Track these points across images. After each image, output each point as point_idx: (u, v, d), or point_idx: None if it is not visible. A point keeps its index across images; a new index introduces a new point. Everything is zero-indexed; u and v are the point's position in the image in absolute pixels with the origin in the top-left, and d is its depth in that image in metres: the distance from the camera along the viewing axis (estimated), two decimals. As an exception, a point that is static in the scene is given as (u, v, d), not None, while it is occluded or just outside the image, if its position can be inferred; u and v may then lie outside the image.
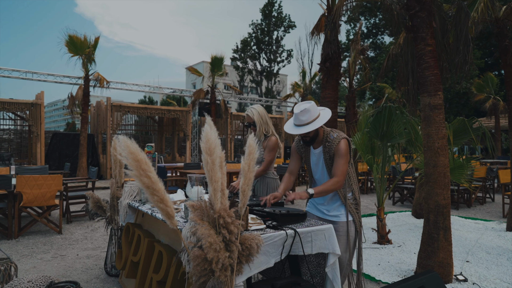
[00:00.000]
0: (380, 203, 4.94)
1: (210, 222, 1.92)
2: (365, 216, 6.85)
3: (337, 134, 2.64)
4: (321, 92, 5.08)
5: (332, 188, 2.57)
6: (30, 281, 2.84)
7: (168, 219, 1.70)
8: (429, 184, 3.56)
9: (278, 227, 2.32)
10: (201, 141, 1.98)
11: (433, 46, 3.55)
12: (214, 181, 1.94)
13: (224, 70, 16.49)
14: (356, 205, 2.78)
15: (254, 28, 37.81)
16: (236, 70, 39.23)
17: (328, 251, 2.47)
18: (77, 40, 11.44)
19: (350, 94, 6.18)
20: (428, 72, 3.53)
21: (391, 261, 4.22)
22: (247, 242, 2.01)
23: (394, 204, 8.51)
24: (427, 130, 3.57)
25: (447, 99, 23.98)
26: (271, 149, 3.29)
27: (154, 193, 1.57)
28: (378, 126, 4.62)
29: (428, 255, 3.54)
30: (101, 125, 13.67)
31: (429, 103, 3.53)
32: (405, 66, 4.35)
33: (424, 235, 3.62)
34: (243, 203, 2.07)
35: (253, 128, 3.36)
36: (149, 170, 1.50)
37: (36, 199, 5.28)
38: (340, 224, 2.72)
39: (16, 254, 4.44)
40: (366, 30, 31.94)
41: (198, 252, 1.66)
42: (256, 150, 2.18)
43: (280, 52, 38.17)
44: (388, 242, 4.89)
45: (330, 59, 4.89)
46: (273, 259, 2.25)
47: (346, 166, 2.60)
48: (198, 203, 2.01)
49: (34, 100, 11.52)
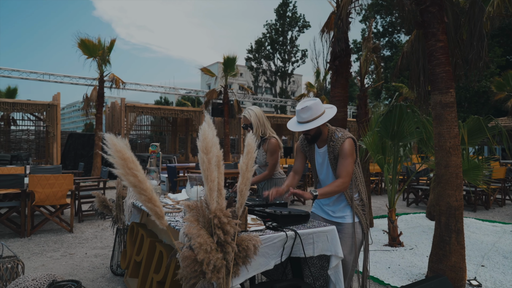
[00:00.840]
0: (392, 205, 4.81)
1: (205, 222, 1.88)
2: (378, 218, 6.70)
3: (342, 134, 2.56)
4: (330, 91, 4.98)
5: (337, 190, 2.50)
6: (35, 279, 2.87)
7: (157, 219, 1.67)
8: (441, 185, 3.43)
9: (278, 228, 2.26)
10: (198, 140, 1.94)
11: (444, 42, 3.42)
12: (210, 180, 1.89)
13: (237, 70, 16.48)
14: (363, 206, 2.69)
15: (268, 28, 37.76)
16: (250, 70, 39.25)
17: (331, 253, 2.40)
18: (89, 43, 11.63)
19: (361, 93, 6.05)
20: (439, 69, 3.40)
21: (401, 264, 4.10)
22: (244, 243, 1.96)
23: (408, 205, 8.30)
24: (438, 129, 3.44)
25: (466, 98, 23.37)
26: (273, 151, 3.23)
27: (141, 192, 1.54)
28: (389, 125, 4.49)
29: (439, 259, 3.42)
30: (115, 126, 13.86)
31: (440, 101, 3.40)
32: (416, 64, 4.22)
33: (436, 238, 3.50)
34: (240, 203, 2.03)
35: (249, 130, 3.32)
36: (135, 169, 1.47)
37: (48, 198, 5.36)
38: (346, 226, 2.64)
39: (27, 252, 4.51)
40: (382, 28, 31.47)
41: (188, 253, 1.62)
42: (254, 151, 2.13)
43: (295, 52, 37.99)
44: (399, 245, 4.76)
45: (339, 57, 4.80)
46: (273, 261, 2.20)
47: (352, 166, 2.51)
48: (194, 203, 1.97)
49: (51, 101, 11.77)
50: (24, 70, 11.94)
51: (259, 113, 3.30)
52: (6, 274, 3.17)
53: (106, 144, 1.41)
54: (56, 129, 11.80)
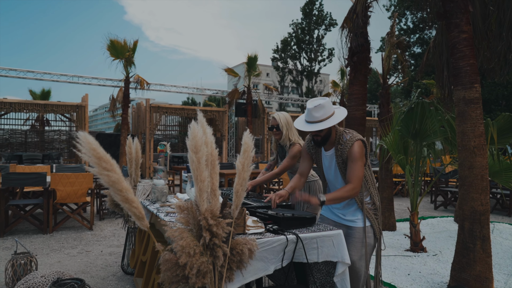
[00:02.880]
0: (414, 207, 4.55)
1: (195, 224, 1.80)
2: (401, 221, 6.40)
3: (350, 136, 2.39)
4: (349, 88, 4.79)
5: (347, 195, 2.34)
6: (43, 276, 2.90)
7: (137, 220, 1.60)
8: (464, 187, 3.18)
9: (278, 231, 2.14)
10: (187, 139, 1.86)
11: (469, 33, 3.17)
12: (200, 180, 1.81)
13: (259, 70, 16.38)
14: (375, 210, 2.52)
15: (294, 27, 37.44)
16: (276, 70, 39.06)
17: (337, 259, 2.25)
18: (117, 44, 11.90)
19: (384, 91, 5.79)
20: (463, 62, 3.15)
21: (423, 271, 3.85)
22: (239, 247, 1.87)
23: (436, 208, 7.90)
24: (461, 127, 3.20)
25: (504, 96, 22.10)
26: (292, 156, 3.11)
27: (117, 192, 1.48)
28: (410, 123, 4.25)
29: (462, 267, 3.17)
30: (141, 126, 14.14)
31: (464, 96, 3.15)
32: (439, 58, 3.97)
33: (458, 244, 3.25)
34: (236, 204, 1.93)
35: (276, 132, 3.21)
36: (110, 168, 1.41)
37: (69, 196, 5.49)
38: (357, 230, 2.48)
39: (47, 248, 4.62)
40: (412, 25, 30.39)
41: (169, 256, 1.54)
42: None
43: (321, 51, 37.43)
44: (422, 250, 4.50)
45: (357, 53, 4.59)
46: (272, 266, 2.08)
47: (362, 170, 2.34)
48: (185, 204, 1.89)
49: (79, 103, 12.16)
50: (55, 73, 12.43)
51: (288, 117, 3.23)
52: (19, 269, 3.23)
53: (79, 142, 1.35)
54: (84, 130, 12.17)
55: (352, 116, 4.64)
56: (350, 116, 4.68)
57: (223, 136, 15.85)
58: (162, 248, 1.66)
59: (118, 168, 1.46)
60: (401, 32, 29.99)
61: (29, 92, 16.19)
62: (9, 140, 14.56)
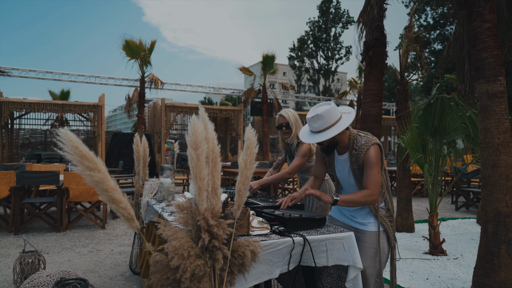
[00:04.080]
0: (433, 208, 4.34)
1: (194, 224, 1.70)
2: (420, 222, 6.16)
3: (365, 140, 2.22)
4: (364, 84, 4.61)
5: (363, 201, 2.18)
6: (49, 275, 2.87)
7: (126, 221, 1.51)
8: (487, 187, 2.97)
9: (285, 233, 2.02)
10: (187, 134, 1.77)
11: (492, 23, 2.96)
12: (199, 178, 1.71)
13: (276, 68, 16.23)
14: (390, 217, 2.35)
15: (311, 25, 37.09)
16: (293, 69, 38.78)
17: (348, 263, 2.11)
18: (132, 45, 12.01)
19: (401, 87, 5.57)
20: (486, 53, 2.95)
21: (442, 275, 3.65)
22: (240, 249, 1.76)
23: (457, 209, 7.58)
24: (484, 123, 2.99)
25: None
26: (302, 155, 2.98)
27: (103, 192, 1.39)
28: (429, 120, 4.05)
29: (485, 273, 2.97)
30: (156, 125, 14.23)
31: (487, 90, 2.95)
32: (459, 50, 3.76)
33: (481, 248, 3.04)
34: (238, 204, 1.82)
35: (285, 131, 3.07)
36: (93, 167, 1.32)
37: (82, 194, 5.51)
38: (367, 234, 2.32)
39: (59, 247, 4.63)
40: (432, 21, 29.59)
41: (159, 257, 1.45)
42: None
43: (339, 49, 36.95)
44: (442, 253, 4.28)
45: (373, 47, 4.41)
46: (278, 269, 1.96)
47: (380, 176, 2.18)
48: (185, 203, 1.80)
49: (96, 102, 12.32)
50: (72, 73, 12.64)
51: (296, 115, 3.09)
52: (27, 268, 3.22)
53: (61, 140, 1.27)
54: (100, 129, 12.34)
55: (368, 113, 4.46)
56: (365, 113, 4.50)
57: (238, 135, 15.79)
58: (153, 248, 1.56)
59: (103, 166, 1.37)
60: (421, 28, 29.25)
61: (49, 93, 16.58)
62: (30, 139, 14.92)
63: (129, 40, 11.98)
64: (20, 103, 11.22)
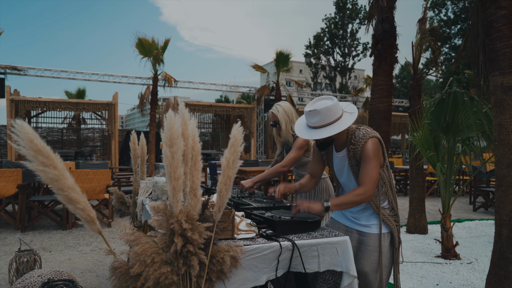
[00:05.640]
0: (446, 209, 4.11)
1: (168, 228, 1.58)
2: (434, 223, 5.89)
3: (363, 133, 2.05)
4: (372, 79, 4.40)
5: (357, 200, 2.01)
6: (40, 276, 2.82)
7: (86, 223, 1.40)
8: (502, 188, 2.76)
9: (272, 237, 1.88)
10: (162, 131, 1.65)
11: (508, 9, 2.73)
12: (174, 178, 1.59)
13: (291, 66, 16.02)
14: (395, 216, 2.18)
15: (327, 22, 36.56)
16: (309, 66, 38.37)
17: (341, 269, 1.96)
18: (145, 42, 12.02)
19: (414, 83, 5.32)
20: (501, 43, 2.72)
21: (454, 281, 3.43)
22: (220, 254, 1.63)
23: (475, 210, 7.25)
24: (499, 118, 2.77)
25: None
26: (298, 147, 2.84)
27: (59, 191, 1.29)
28: (441, 116, 3.82)
29: (499, 281, 2.75)
30: (170, 123, 14.27)
31: (502, 83, 2.72)
32: (474, 41, 3.51)
33: (495, 254, 2.83)
34: (218, 206, 1.69)
35: (278, 128, 2.95)
36: (48, 164, 1.21)
37: (87, 192, 5.50)
38: (371, 237, 2.16)
39: (62, 245, 4.63)
40: (453, 15, 28.66)
41: (118, 264, 1.34)
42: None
43: (355, 45, 36.29)
44: (455, 257, 4.04)
45: (382, 40, 4.20)
46: (265, 276, 1.83)
47: (376, 171, 2.01)
48: (161, 204, 1.68)
49: (109, 101, 12.43)
50: (86, 72, 12.79)
51: (288, 109, 2.94)
52: (21, 267, 3.19)
53: (16, 132, 1.17)
54: (114, 127, 12.44)
55: (376, 109, 4.26)
56: (374, 109, 4.30)
57: (251, 133, 15.68)
58: (114, 253, 1.46)
59: (60, 163, 1.27)
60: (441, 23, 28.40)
61: (65, 93, 16.88)
62: (47, 138, 15.21)
63: (142, 38, 12.00)
64: (36, 101, 11.42)
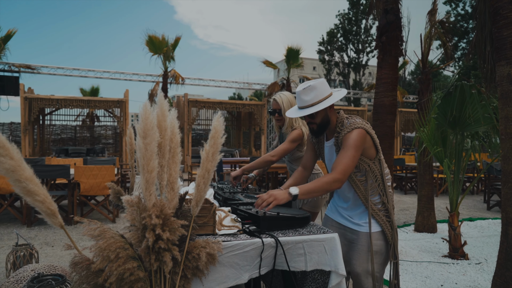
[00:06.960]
0: (453, 208, 3.95)
1: (140, 223, 1.53)
2: (444, 222, 5.70)
3: (350, 122, 1.97)
4: (377, 72, 4.25)
5: (325, 188, 1.89)
6: (33, 270, 2.82)
7: (47, 217, 1.36)
8: (508, 185, 2.60)
9: (255, 233, 1.80)
10: (137, 122, 1.60)
11: (516, -5, 2.57)
12: (147, 171, 1.53)
13: (301, 62, 15.87)
14: (386, 212, 2.08)
15: (341, 18, 36.09)
16: (322, 63, 38.00)
17: (330, 268, 1.87)
18: (155, 40, 12.10)
19: (423, 76, 5.14)
20: (508, 30, 2.57)
21: (460, 282, 3.29)
22: (195, 250, 1.57)
23: (489, 209, 7.00)
24: (505, 111, 2.62)
25: None
26: (291, 140, 2.75)
27: (16, 183, 1.24)
28: (448, 110, 3.66)
29: (506, 282, 2.60)
30: (180, 120, 14.32)
31: (509, 73, 2.57)
32: (480, 31, 3.34)
33: (501, 254, 2.68)
34: (196, 200, 1.63)
35: (277, 117, 2.85)
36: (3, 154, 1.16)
37: (92, 188, 5.54)
38: (362, 236, 2.07)
39: (65, 240, 4.66)
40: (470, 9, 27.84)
41: (78, 259, 1.29)
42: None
43: (369, 41, 35.70)
44: (462, 257, 3.88)
45: (386, 32, 4.05)
46: (246, 273, 1.76)
47: (352, 160, 1.90)
48: (135, 198, 1.63)
49: (120, 98, 12.54)
50: (98, 70, 12.93)
51: (291, 99, 2.84)
52: (18, 261, 3.20)
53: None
54: (124, 124, 12.56)
55: (380, 103, 4.12)
56: (378, 103, 4.16)
57: (261, 130, 15.61)
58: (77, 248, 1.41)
59: (17, 153, 1.22)
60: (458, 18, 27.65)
61: (80, 90, 17.14)
62: (61, 135, 15.49)
63: (152, 35, 12.10)
64: (49, 99, 11.61)
